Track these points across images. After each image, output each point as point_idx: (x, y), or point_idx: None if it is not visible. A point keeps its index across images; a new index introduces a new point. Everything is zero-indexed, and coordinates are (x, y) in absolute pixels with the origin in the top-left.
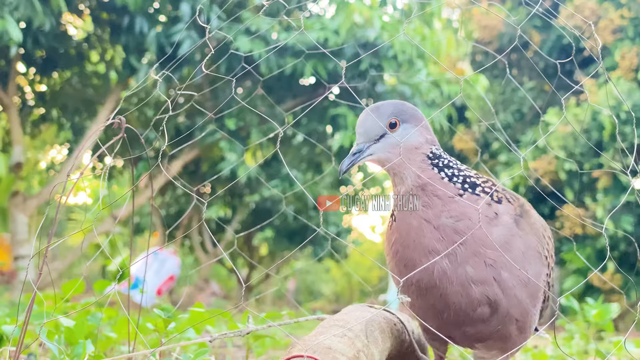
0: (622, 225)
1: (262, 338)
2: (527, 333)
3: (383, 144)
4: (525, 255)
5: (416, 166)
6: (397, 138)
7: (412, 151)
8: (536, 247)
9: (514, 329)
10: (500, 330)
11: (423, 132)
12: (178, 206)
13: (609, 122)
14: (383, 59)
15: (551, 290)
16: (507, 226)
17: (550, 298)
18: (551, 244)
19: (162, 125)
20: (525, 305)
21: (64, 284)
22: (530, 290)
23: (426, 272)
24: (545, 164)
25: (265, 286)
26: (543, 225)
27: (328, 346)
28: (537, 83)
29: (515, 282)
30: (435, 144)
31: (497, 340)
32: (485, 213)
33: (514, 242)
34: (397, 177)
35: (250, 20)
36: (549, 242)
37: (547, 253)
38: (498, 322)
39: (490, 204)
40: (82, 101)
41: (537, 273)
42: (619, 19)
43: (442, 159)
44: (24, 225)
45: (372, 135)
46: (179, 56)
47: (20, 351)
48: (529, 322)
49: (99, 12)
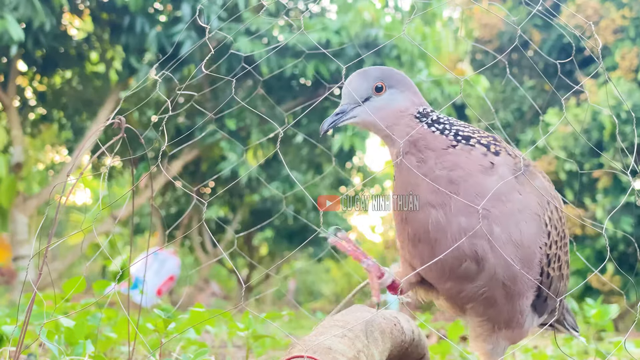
0: (622, 226)
1: (262, 338)
2: (516, 305)
3: (367, 107)
4: (521, 212)
5: (404, 125)
6: (382, 102)
7: (398, 114)
8: (535, 209)
9: (500, 295)
10: (487, 293)
11: (410, 96)
12: (178, 206)
13: (609, 122)
14: (386, 59)
15: (562, 284)
16: (503, 177)
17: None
18: (558, 218)
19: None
20: (514, 269)
21: (65, 283)
22: (523, 254)
23: (421, 224)
24: (545, 164)
25: (265, 286)
26: (551, 194)
27: (328, 347)
28: (537, 82)
29: (506, 240)
30: (424, 105)
31: (483, 304)
32: (480, 162)
33: (510, 195)
34: (387, 139)
35: (250, 20)
36: (556, 214)
37: (548, 221)
38: (484, 283)
39: (486, 154)
40: (82, 101)
41: (531, 235)
42: (620, 19)
43: (431, 116)
44: (24, 225)
45: (357, 97)
46: (179, 56)
47: (20, 351)
48: (519, 291)
49: (99, 12)
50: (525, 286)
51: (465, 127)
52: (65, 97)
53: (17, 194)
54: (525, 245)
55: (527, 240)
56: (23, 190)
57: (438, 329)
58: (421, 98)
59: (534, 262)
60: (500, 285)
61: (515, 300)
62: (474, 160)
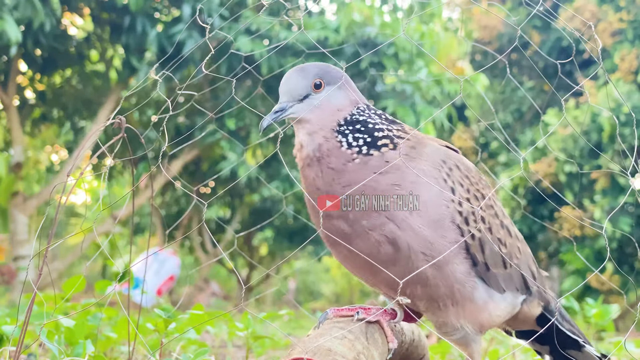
0: (620, 226)
1: (262, 339)
2: (447, 273)
3: (306, 105)
4: (415, 183)
5: (323, 134)
6: (320, 99)
7: (334, 113)
8: (430, 172)
9: (427, 268)
10: (413, 269)
11: (348, 93)
12: (178, 206)
13: (609, 124)
14: (383, 57)
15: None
16: (395, 167)
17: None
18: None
19: (162, 125)
20: (425, 234)
21: (65, 283)
22: (430, 217)
23: (328, 233)
24: (545, 166)
25: (265, 286)
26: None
27: (328, 348)
28: (536, 83)
29: (408, 212)
30: (359, 103)
31: (418, 284)
32: (377, 166)
33: (404, 178)
34: (306, 138)
35: (250, 20)
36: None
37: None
38: (406, 260)
39: (382, 155)
40: (82, 101)
41: (433, 198)
42: (618, 22)
43: (357, 123)
44: (24, 225)
45: (296, 94)
46: (179, 56)
47: (20, 351)
48: (440, 255)
49: (99, 12)
50: (444, 249)
51: (377, 126)
52: (65, 96)
53: (17, 193)
54: (430, 208)
55: (430, 204)
56: (23, 190)
57: None
58: (360, 95)
59: (445, 222)
60: (420, 256)
61: (444, 269)
62: (370, 169)
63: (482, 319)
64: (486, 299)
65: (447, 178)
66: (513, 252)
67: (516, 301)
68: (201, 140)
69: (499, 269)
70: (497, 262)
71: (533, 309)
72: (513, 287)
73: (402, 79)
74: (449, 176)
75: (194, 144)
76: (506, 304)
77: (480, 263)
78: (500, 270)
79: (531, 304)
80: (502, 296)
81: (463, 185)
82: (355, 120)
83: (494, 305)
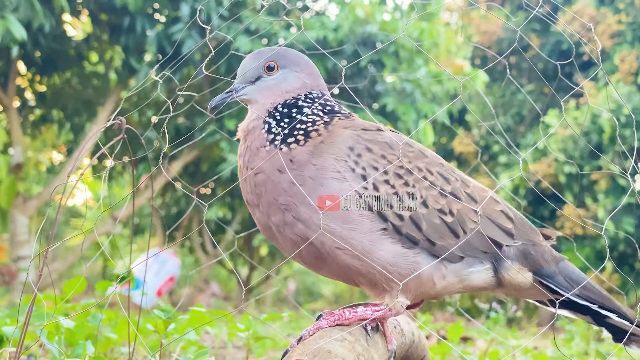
0: (623, 227)
1: (262, 339)
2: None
3: (257, 86)
4: (316, 180)
5: (260, 111)
6: (272, 81)
7: (280, 94)
8: (333, 167)
9: (348, 259)
10: (340, 263)
11: (302, 77)
12: (178, 207)
13: (609, 125)
14: (383, 55)
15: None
16: (297, 164)
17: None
18: (373, 158)
19: (162, 126)
20: (332, 229)
21: (66, 284)
22: (334, 213)
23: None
24: (545, 166)
25: (265, 287)
26: (357, 139)
27: (328, 350)
28: (536, 86)
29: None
30: (315, 89)
31: (359, 277)
32: (280, 164)
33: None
34: (249, 115)
35: (250, 20)
36: (368, 155)
37: (354, 165)
38: (328, 257)
39: (289, 151)
40: (82, 102)
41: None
42: (617, 24)
43: (293, 108)
44: (24, 226)
45: (248, 76)
46: (179, 56)
47: (20, 352)
48: (359, 247)
49: (99, 13)
50: (358, 240)
51: (309, 117)
52: (65, 97)
53: (17, 194)
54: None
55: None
56: (23, 191)
57: (438, 330)
58: (317, 80)
59: (353, 215)
60: (339, 252)
61: (368, 258)
62: (274, 163)
63: (426, 289)
64: (432, 271)
65: (355, 166)
66: (466, 218)
67: (477, 268)
68: (201, 141)
69: (448, 239)
70: (445, 234)
71: (516, 275)
72: (476, 252)
73: (402, 78)
74: (357, 163)
75: (194, 144)
76: (458, 273)
77: (422, 240)
78: (452, 240)
79: (510, 270)
80: (455, 266)
81: (378, 167)
82: (293, 104)
83: (439, 275)
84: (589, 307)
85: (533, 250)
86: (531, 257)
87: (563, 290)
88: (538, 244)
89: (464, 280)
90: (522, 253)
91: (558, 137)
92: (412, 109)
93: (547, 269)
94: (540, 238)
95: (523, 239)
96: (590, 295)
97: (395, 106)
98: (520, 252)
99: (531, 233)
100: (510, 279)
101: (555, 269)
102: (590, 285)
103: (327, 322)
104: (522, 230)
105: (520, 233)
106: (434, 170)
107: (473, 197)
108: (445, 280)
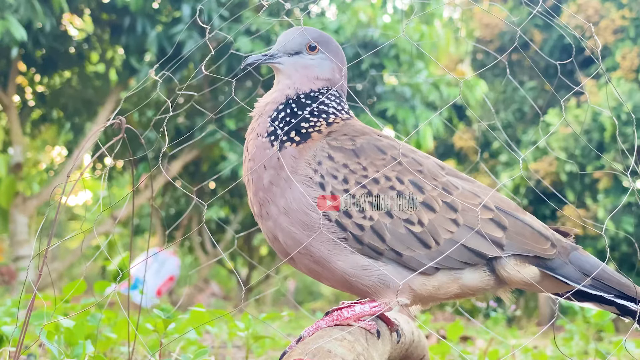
0: (623, 226)
1: (262, 339)
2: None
3: (294, 60)
4: (287, 183)
5: (285, 94)
6: (311, 62)
7: (312, 80)
8: (303, 171)
9: (311, 264)
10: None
11: (335, 71)
12: (178, 207)
13: (610, 124)
14: (384, 58)
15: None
16: (280, 164)
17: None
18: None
19: (162, 125)
20: (293, 234)
21: (66, 286)
22: (297, 217)
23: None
24: (546, 165)
25: (265, 286)
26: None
27: (328, 350)
28: (537, 83)
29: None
30: (333, 85)
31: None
32: (268, 159)
33: (279, 177)
34: (274, 89)
35: (251, 20)
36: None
37: (312, 173)
38: (297, 259)
39: (280, 149)
40: (82, 101)
41: (297, 197)
42: (620, 20)
43: (308, 99)
44: (23, 225)
45: (289, 47)
46: (179, 56)
47: (20, 352)
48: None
49: (99, 13)
50: (317, 248)
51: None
52: (65, 97)
53: (17, 194)
54: (296, 210)
55: (295, 204)
56: (23, 190)
57: (437, 329)
58: (342, 79)
59: (313, 224)
60: (301, 256)
61: (329, 266)
62: (263, 157)
63: (403, 296)
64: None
65: (313, 174)
66: (439, 228)
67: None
68: (201, 141)
69: (417, 250)
70: (412, 244)
71: (513, 272)
72: (455, 262)
73: (402, 82)
74: (315, 172)
75: (194, 144)
76: (436, 280)
77: (386, 250)
78: (422, 251)
79: (506, 266)
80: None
81: (337, 176)
82: (312, 97)
83: (419, 283)
84: (603, 297)
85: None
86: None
87: (573, 282)
88: (540, 254)
89: (457, 280)
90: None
91: (559, 136)
92: (411, 114)
93: (553, 261)
94: (545, 246)
95: (516, 249)
96: (607, 284)
97: (396, 110)
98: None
99: (532, 241)
100: (509, 275)
101: (564, 260)
102: (607, 274)
103: (326, 322)
104: (518, 239)
105: (513, 242)
106: (405, 179)
107: (453, 206)
108: (431, 286)
